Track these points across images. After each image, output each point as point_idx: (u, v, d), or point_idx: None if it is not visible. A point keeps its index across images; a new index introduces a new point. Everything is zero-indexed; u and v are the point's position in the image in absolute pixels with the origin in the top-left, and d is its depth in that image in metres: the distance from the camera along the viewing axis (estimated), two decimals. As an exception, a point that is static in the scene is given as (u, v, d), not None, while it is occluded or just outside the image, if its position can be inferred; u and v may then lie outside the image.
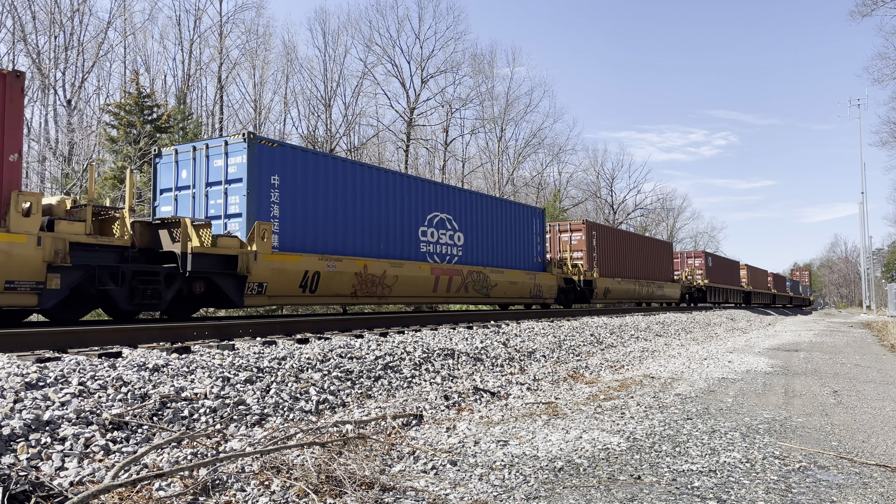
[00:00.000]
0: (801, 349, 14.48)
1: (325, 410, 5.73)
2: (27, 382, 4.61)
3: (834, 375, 9.49)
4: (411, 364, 7.72)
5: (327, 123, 39.49)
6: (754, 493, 3.75)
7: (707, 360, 11.27)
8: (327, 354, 7.16)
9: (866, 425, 5.81)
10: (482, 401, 6.71)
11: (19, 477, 3.36)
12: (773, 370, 9.94)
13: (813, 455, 4.69)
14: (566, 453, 4.59)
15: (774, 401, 7.03)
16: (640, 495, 3.69)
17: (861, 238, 79.77)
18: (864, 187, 53.95)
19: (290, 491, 3.54)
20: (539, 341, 11.43)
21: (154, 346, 6.92)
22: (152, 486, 3.49)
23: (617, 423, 5.62)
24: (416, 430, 5.31)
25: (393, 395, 6.62)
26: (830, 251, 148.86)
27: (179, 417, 4.77)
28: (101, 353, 6.00)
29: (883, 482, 4.04)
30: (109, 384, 4.93)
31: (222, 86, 35.00)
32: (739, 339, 18.33)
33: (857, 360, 11.99)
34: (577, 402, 6.74)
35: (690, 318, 23.58)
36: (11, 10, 26.57)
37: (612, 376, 8.99)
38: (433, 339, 9.50)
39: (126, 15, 30.95)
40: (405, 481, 3.88)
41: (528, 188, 52.58)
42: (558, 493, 3.74)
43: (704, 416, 6.02)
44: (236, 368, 6.00)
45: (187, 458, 4.07)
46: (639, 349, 13.08)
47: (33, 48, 26.89)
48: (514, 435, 5.13)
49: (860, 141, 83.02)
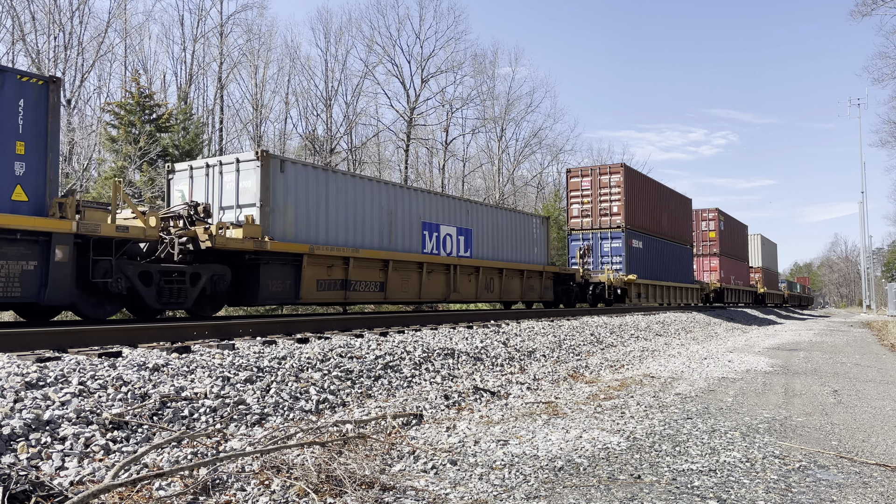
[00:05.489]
0: (800, 348, 14.48)
1: (325, 410, 5.73)
2: (27, 382, 4.61)
3: (834, 375, 9.49)
4: (411, 363, 7.72)
5: (327, 123, 39.49)
6: (754, 493, 3.75)
7: (707, 359, 11.27)
8: (327, 354, 7.16)
9: (866, 424, 5.81)
10: (482, 400, 6.71)
11: (19, 476, 3.36)
12: (773, 369, 9.94)
13: (813, 454, 4.69)
14: (566, 453, 4.59)
15: (774, 400, 7.03)
16: (640, 495, 3.69)
17: (861, 237, 79.79)
18: (864, 187, 54.01)
19: (290, 490, 3.54)
20: (539, 341, 11.43)
21: (154, 345, 6.92)
22: (152, 486, 3.49)
23: (617, 423, 5.62)
24: (416, 429, 5.31)
25: (393, 394, 6.62)
26: (830, 251, 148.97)
27: (179, 417, 4.77)
28: (101, 353, 5.99)
29: (883, 481, 4.04)
30: (109, 384, 4.93)
31: (222, 85, 35.00)
32: (739, 338, 18.33)
33: (857, 360, 11.99)
34: (577, 401, 6.74)
35: (690, 317, 23.58)
36: (10, 11, 26.57)
37: (612, 376, 8.99)
38: (433, 338, 9.50)
39: (126, 15, 30.94)
40: (405, 481, 3.88)
41: (527, 188, 52.57)
42: (558, 492, 3.74)
43: (704, 416, 6.02)
44: (236, 368, 6.00)
45: (187, 457, 4.07)
46: (639, 349, 13.08)
47: (32, 48, 26.89)
48: (514, 434, 5.13)
49: (860, 140, 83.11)
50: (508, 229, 19.13)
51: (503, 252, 18.70)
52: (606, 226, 24.56)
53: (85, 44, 28.74)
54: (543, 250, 20.92)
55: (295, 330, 9.10)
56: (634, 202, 25.15)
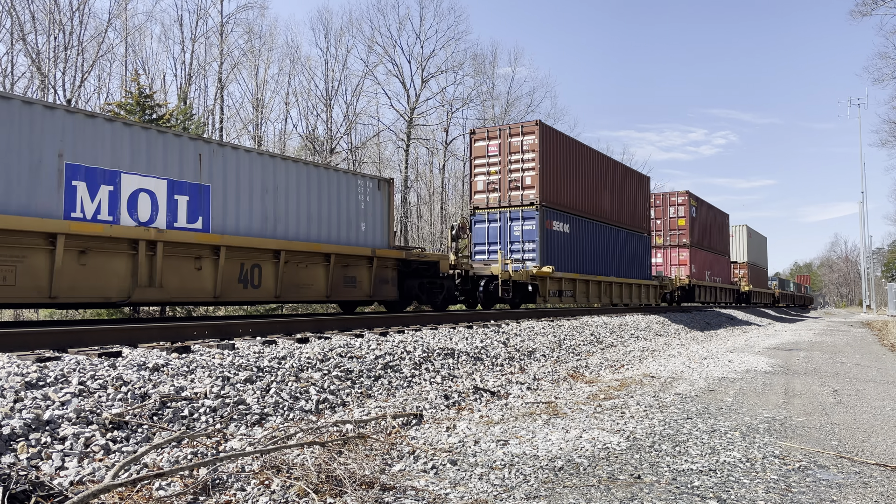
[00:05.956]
0: (800, 348, 14.48)
1: (325, 410, 5.73)
2: (27, 382, 4.61)
3: (834, 375, 9.49)
4: (411, 363, 7.72)
5: (328, 123, 39.50)
6: (754, 493, 3.75)
7: (707, 359, 11.27)
8: (327, 354, 7.16)
9: (866, 424, 5.81)
10: (482, 400, 6.71)
11: (19, 476, 3.36)
12: (772, 369, 9.94)
13: (813, 454, 4.69)
14: (566, 453, 4.59)
15: (774, 400, 7.03)
16: (640, 495, 3.69)
17: (861, 237, 79.79)
18: (864, 186, 54.08)
19: (290, 490, 3.54)
20: (539, 340, 11.43)
21: (154, 345, 6.92)
22: (152, 486, 3.49)
23: (617, 423, 5.62)
24: (416, 429, 5.32)
25: (393, 394, 6.62)
26: (830, 250, 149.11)
27: (179, 417, 4.77)
28: (101, 353, 5.99)
29: (883, 481, 4.04)
30: (109, 384, 4.93)
31: (223, 85, 35.00)
32: (739, 338, 18.33)
33: (857, 360, 11.99)
34: (577, 401, 6.74)
35: (690, 317, 23.59)
36: (10, 11, 26.56)
37: (612, 375, 8.99)
38: (433, 338, 9.50)
39: (126, 15, 30.94)
40: (405, 481, 3.88)
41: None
42: (558, 492, 3.74)
43: (704, 416, 6.02)
44: (236, 368, 6.00)
45: (187, 457, 4.07)
46: (639, 348, 13.09)
47: (32, 48, 26.88)
48: (514, 434, 5.13)
49: (860, 140, 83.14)
50: (300, 191, 12.24)
51: (291, 224, 12.00)
52: (517, 203, 18.60)
53: (85, 44, 28.74)
54: (380, 226, 14.03)
55: (295, 330, 9.09)
56: (556, 173, 19.39)
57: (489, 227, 19.05)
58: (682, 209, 31.97)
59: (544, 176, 18.48)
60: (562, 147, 19.96)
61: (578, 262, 20.62)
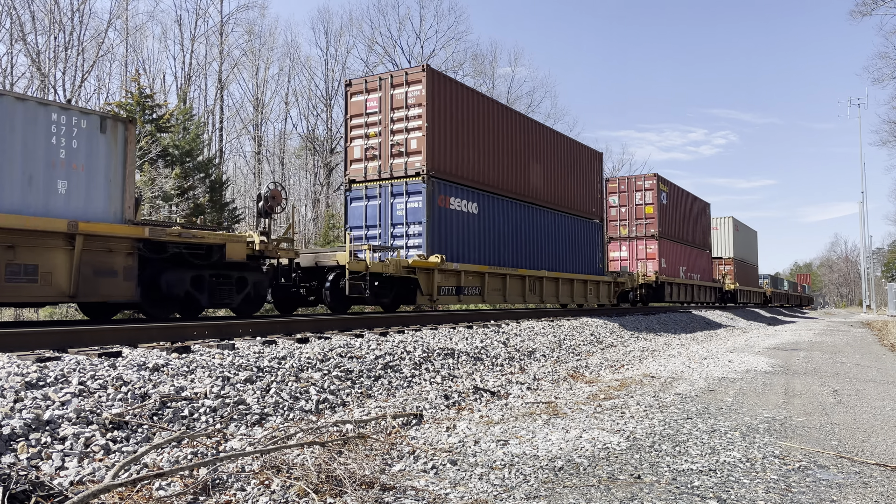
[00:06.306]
0: (800, 348, 14.48)
1: (325, 410, 5.73)
2: (27, 382, 4.61)
3: (834, 375, 9.49)
4: (411, 363, 7.72)
5: (328, 123, 39.49)
6: (754, 493, 3.75)
7: (707, 359, 11.27)
8: (327, 354, 7.16)
9: (866, 424, 5.81)
10: (482, 400, 6.71)
11: (19, 476, 3.36)
12: (772, 369, 9.94)
13: (813, 454, 4.69)
14: (566, 453, 4.59)
15: (774, 400, 7.03)
16: (640, 495, 3.69)
17: (861, 237, 79.81)
18: (864, 186, 53.99)
19: (290, 490, 3.54)
20: (539, 341, 11.44)
21: (154, 345, 6.92)
22: (152, 486, 3.49)
23: (617, 423, 5.62)
24: (416, 429, 5.32)
25: (393, 394, 6.62)
26: (830, 250, 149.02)
27: (179, 417, 4.77)
28: (101, 353, 5.99)
29: (883, 481, 4.03)
30: (109, 384, 4.93)
31: (223, 85, 35.00)
32: (739, 338, 18.33)
33: (857, 360, 11.99)
34: (577, 401, 6.74)
35: (690, 317, 23.59)
36: (10, 10, 26.56)
37: (612, 375, 8.99)
38: (433, 338, 9.50)
39: (126, 15, 30.94)
40: (405, 481, 3.88)
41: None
42: (558, 492, 3.74)
43: (704, 416, 6.02)
44: (236, 368, 6.00)
45: (187, 457, 4.07)
46: (639, 348, 13.09)
47: (32, 48, 26.88)
48: (514, 434, 5.13)
49: (860, 140, 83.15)
50: None
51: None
52: (401, 173, 14.06)
53: (85, 44, 28.74)
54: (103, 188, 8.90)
55: (295, 330, 9.09)
56: (455, 136, 14.78)
57: (367, 205, 14.55)
58: (651, 195, 27.53)
59: (435, 138, 13.97)
60: (465, 103, 15.25)
61: (492, 251, 16.15)
